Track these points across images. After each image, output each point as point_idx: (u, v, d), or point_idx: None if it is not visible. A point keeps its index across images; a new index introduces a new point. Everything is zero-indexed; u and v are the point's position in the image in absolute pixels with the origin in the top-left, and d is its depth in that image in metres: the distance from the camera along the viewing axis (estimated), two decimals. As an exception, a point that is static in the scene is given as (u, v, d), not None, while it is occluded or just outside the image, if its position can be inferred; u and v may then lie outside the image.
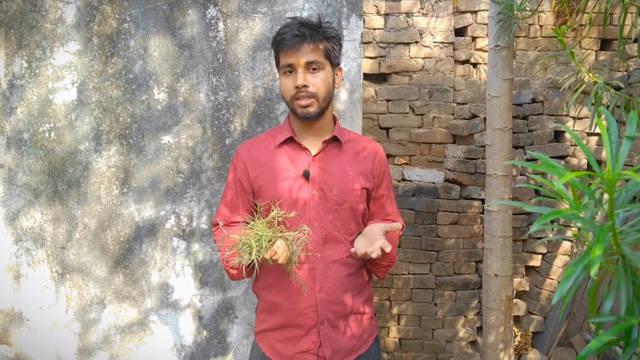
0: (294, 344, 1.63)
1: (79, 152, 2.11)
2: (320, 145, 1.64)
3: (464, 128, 3.50)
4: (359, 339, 1.68)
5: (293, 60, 1.54)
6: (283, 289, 1.62)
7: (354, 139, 1.72)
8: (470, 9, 3.70)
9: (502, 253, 2.65)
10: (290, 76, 1.57)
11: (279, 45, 1.57)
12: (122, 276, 2.17)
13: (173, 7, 2.10)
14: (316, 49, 1.55)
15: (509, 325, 2.73)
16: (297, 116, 1.60)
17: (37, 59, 2.07)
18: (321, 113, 1.59)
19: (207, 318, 2.21)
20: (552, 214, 0.63)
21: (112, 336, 2.19)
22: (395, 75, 3.72)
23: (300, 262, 1.59)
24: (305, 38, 1.53)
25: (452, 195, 3.43)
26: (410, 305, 3.48)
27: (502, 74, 2.55)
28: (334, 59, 1.61)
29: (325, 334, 1.61)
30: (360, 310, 1.68)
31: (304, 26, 1.56)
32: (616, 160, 0.63)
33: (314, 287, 1.59)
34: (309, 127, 1.64)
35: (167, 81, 2.11)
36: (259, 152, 1.67)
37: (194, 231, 2.16)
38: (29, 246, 2.13)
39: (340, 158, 1.66)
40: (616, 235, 0.66)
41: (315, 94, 1.55)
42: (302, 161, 1.63)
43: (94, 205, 2.13)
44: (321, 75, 1.56)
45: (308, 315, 1.61)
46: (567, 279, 0.62)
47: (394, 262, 1.72)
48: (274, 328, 1.66)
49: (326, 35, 1.58)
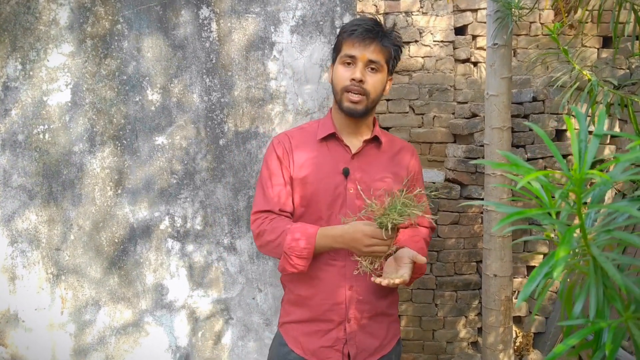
0: (319, 337, 1.63)
1: (73, 154, 2.11)
2: (360, 144, 1.66)
3: (464, 127, 3.48)
4: (383, 339, 1.69)
5: (358, 53, 1.55)
6: (313, 284, 1.63)
7: (391, 140, 1.74)
8: (470, 7, 3.67)
9: (501, 253, 2.62)
10: (349, 67, 1.58)
11: (348, 34, 1.57)
12: (116, 277, 2.17)
13: (166, 7, 2.09)
14: (383, 50, 1.58)
15: (508, 326, 2.70)
16: (341, 110, 1.61)
17: (31, 61, 2.07)
18: (366, 112, 1.60)
19: (202, 319, 2.21)
20: (516, 213, 0.61)
21: (107, 337, 2.19)
22: (395, 75, 3.69)
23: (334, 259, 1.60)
24: (377, 36, 1.56)
25: (453, 194, 3.41)
26: (411, 306, 3.46)
27: (500, 73, 2.52)
28: (392, 66, 1.64)
29: (351, 332, 1.63)
30: (387, 312, 1.70)
31: (378, 25, 1.59)
32: (583, 159, 0.61)
33: (345, 284, 1.61)
34: (351, 125, 1.65)
35: (161, 82, 2.11)
36: (299, 144, 1.67)
37: (188, 232, 2.16)
38: (24, 248, 2.14)
39: (378, 158, 1.68)
40: (586, 235, 0.65)
41: (367, 92, 1.57)
42: (343, 158, 1.64)
43: (88, 207, 2.13)
44: (378, 77, 1.59)
45: (336, 312, 1.62)
46: (531, 281, 0.60)
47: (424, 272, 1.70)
48: (300, 320, 1.67)
49: (395, 42, 1.61)
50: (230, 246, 2.17)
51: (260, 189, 1.69)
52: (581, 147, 0.63)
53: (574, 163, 0.62)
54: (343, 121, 1.66)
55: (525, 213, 0.62)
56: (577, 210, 0.63)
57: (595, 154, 0.62)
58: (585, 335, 0.61)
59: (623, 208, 0.59)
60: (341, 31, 1.62)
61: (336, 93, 1.62)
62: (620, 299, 0.64)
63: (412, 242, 1.67)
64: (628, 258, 0.65)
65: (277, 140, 1.70)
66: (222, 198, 2.15)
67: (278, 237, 1.57)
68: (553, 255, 0.60)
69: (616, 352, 0.60)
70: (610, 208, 0.62)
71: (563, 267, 0.57)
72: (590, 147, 0.62)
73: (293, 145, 1.67)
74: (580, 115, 0.66)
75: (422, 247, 1.68)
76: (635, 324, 0.62)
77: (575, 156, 0.62)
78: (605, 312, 0.64)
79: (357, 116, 1.60)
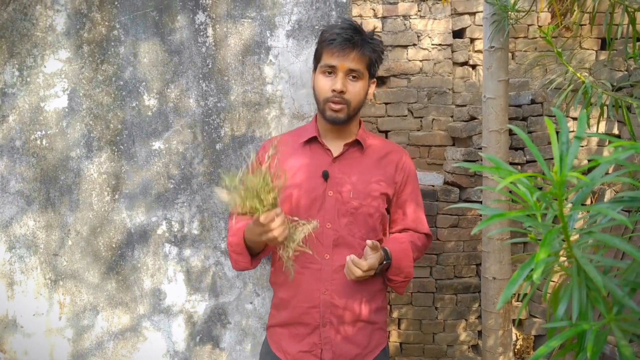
0: (297, 341, 1.63)
1: (70, 159, 2.12)
2: (342, 148, 1.65)
3: (463, 130, 3.48)
4: (364, 347, 1.65)
5: (337, 63, 1.55)
6: (291, 285, 1.63)
7: (379, 144, 1.73)
8: (468, 11, 3.68)
9: (500, 256, 2.62)
10: (329, 77, 1.58)
11: (327, 44, 1.56)
12: (114, 282, 2.17)
13: (162, 13, 2.10)
14: (362, 58, 1.56)
15: (508, 329, 2.70)
16: (324, 118, 1.61)
17: (28, 67, 2.08)
18: (349, 119, 1.61)
19: (200, 324, 2.21)
20: (497, 216, 0.62)
21: (105, 342, 2.19)
22: (393, 78, 3.70)
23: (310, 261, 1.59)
24: (356, 45, 1.54)
25: (452, 197, 3.41)
26: (411, 309, 3.46)
27: (497, 75, 2.53)
28: (373, 71, 1.63)
29: (326, 337, 1.60)
30: (368, 319, 1.65)
31: (357, 33, 1.56)
32: (564, 161, 0.62)
33: (319, 288, 1.59)
34: (334, 130, 1.66)
35: (157, 87, 2.12)
36: (284, 147, 1.68)
37: (186, 237, 2.16)
38: (22, 253, 2.14)
39: (361, 162, 1.66)
40: (569, 237, 0.65)
41: (348, 102, 1.57)
42: (323, 162, 1.64)
43: (85, 212, 2.14)
44: (359, 85, 1.58)
45: (312, 316, 1.61)
46: (512, 283, 0.61)
47: (410, 277, 1.68)
48: (282, 324, 1.67)
49: (374, 47, 1.60)
50: (227, 250, 2.17)
51: None
52: (562, 150, 0.63)
53: (555, 165, 0.62)
54: (326, 126, 1.66)
55: (506, 215, 0.62)
56: (559, 212, 0.63)
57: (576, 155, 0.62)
58: (568, 338, 0.61)
59: (604, 210, 0.59)
60: (320, 39, 1.61)
61: (318, 102, 1.63)
62: (604, 301, 0.64)
63: (395, 242, 1.65)
64: (610, 260, 0.65)
65: (262, 146, 1.74)
66: (219, 202, 2.15)
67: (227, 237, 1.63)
68: (534, 257, 0.60)
69: (598, 354, 0.60)
70: (591, 210, 0.62)
71: (543, 269, 0.57)
72: (571, 150, 0.62)
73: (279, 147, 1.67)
74: (561, 118, 0.66)
75: (406, 249, 1.64)
76: (618, 326, 0.62)
77: (555, 159, 0.62)
78: (588, 314, 0.64)
79: (340, 124, 1.61)
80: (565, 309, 0.65)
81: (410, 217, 1.73)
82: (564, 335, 0.61)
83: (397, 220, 1.74)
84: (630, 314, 0.63)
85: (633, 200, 0.65)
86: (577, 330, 0.61)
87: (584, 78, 1.64)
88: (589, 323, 0.62)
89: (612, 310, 0.63)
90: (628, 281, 0.64)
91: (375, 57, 1.61)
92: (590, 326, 0.61)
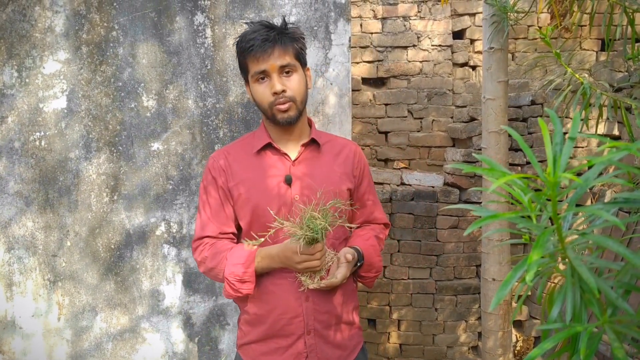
0: (279, 355, 1.58)
1: (69, 160, 2.12)
2: (299, 149, 1.61)
3: (463, 131, 3.47)
4: (346, 348, 1.64)
5: (265, 66, 1.50)
6: (267, 300, 1.57)
7: (331, 140, 1.69)
8: (468, 12, 3.68)
9: (500, 257, 2.61)
10: (264, 83, 1.53)
11: (248, 52, 1.51)
12: (113, 283, 2.17)
13: (161, 14, 2.10)
14: (287, 51, 1.51)
15: (507, 330, 2.69)
16: (276, 122, 1.56)
17: (27, 68, 2.09)
18: (300, 116, 1.58)
19: (199, 325, 2.20)
20: (490, 217, 0.61)
21: (104, 343, 2.19)
22: (393, 79, 3.70)
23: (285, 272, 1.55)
24: (275, 42, 1.49)
25: (452, 198, 3.40)
26: (411, 311, 3.45)
27: (496, 76, 2.52)
28: (303, 59, 1.58)
29: (312, 344, 1.58)
30: (347, 320, 1.64)
31: (271, 29, 1.52)
32: (557, 162, 0.61)
33: (301, 296, 1.55)
34: (286, 132, 1.61)
35: (156, 88, 2.12)
36: (235, 159, 1.62)
37: (184, 238, 2.16)
38: (21, 254, 2.14)
39: (320, 160, 1.63)
40: (563, 239, 0.65)
41: (293, 98, 1.53)
42: (283, 166, 1.59)
43: (84, 213, 2.14)
44: (296, 78, 1.54)
45: (295, 325, 1.56)
46: (505, 285, 0.60)
47: (380, 271, 1.67)
48: (258, 340, 1.61)
49: (294, 36, 1.55)
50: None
51: (199, 214, 1.64)
52: (556, 151, 0.63)
53: (548, 166, 0.61)
54: (278, 130, 1.60)
55: (498, 217, 0.61)
56: (552, 213, 0.63)
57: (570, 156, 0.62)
58: (561, 340, 0.61)
59: (597, 212, 0.59)
60: (239, 50, 1.56)
61: (265, 110, 1.56)
62: (598, 303, 0.64)
63: (362, 239, 1.64)
64: (604, 261, 0.64)
65: (212, 159, 1.64)
66: (218, 203, 2.15)
67: (218, 264, 1.53)
68: (527, 259, 0.60)
69: (592, 356, 0.60)
70: (584, 211, 0.61)
71: (535, 270, 0.57)
72: (564, 150, 0.62)
73: (230, 161, 1.62)
74: (554, 119, 0.66)
75: (373, 244, 1.64)
76: (612, 328, 0.62)
77: (549, 159, 0.62)
78: (582, 316, 0.64)
79: (294, 122, 1.56)
80: (560, 311, 0.65)
81: (369, 209, 1.73)
82: (557, 337, 0.60)
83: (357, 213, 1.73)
84: (624, 316, 0.63)
85: (627, 201, 0.65)
86: (570, 332, 0.61)
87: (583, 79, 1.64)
88: (582, 325, 0.62)
89: (605, 312, 0.63)
90: (622, 283, 0.64)
91: (300, 46, 1.56)
92: (583, 328, 0.61)
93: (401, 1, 3.67)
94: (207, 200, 1.62)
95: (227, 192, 1.60)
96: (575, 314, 0.63)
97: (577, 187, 0.61)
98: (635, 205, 0.66)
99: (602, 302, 0.64)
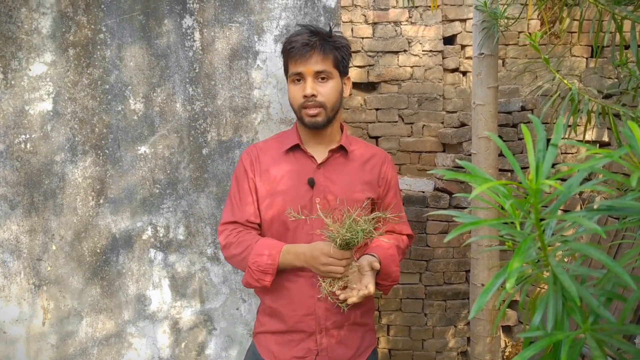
0: (291, 347, 1.62)
1: (54, 163, 2.10)
2: (326, 154, 1.64)
3: (453, 136, 3.48)
4: (357, 349, 1.66)
5: (302, 69, 1.55)
6: (283, 295, 1.62)
7: (362, 148, 1.72)
8: (459, 17, 3.68)
9: (489, 262, 2.61)
10: (299, 85, 1.57)
11: (288, 53, 1.57)
12: (99, 288, 2.15)
13: (149, 17, 2.09)
14: (326, 58, 1.56)
15: (496, 336, 2.69)
16: (304, 124, 1.60)
17: (12, 69, 2.06)
18: (329, 122, 1.60)
19: (185, 330, 2.18)
20: (472, 223, 0.60)
21: (89, 349, 2.17)
22: (384, 84, 3.70)
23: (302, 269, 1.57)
24: (315, 47, 1.54)
25: (442, 204, 3.40)
26: (400, 316, 3.44)
27: (486, 82, 2.52)
28: (343, 68, 1.62)
29: (323, 343, 1.61)
30: (361, 321, 1.67)
31: (314, 35, 1.56)
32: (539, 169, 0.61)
33: (315, 295, 1.58)
34: (315, 135, 1.64)
35: (143, 91, 2.10)
36: (265, 156, 1.66)
37: (171, 242, 2.14)
38: (6, 258, 2.12)
39: (346, 167, 1.66)
40: (545, 246, 0.64)
41: (323, 104, 1.56)
42: (308, 169, 1.63)
43: (70, 217, 2.11)
44: (330, 85, 1.57)
45: (307, 323, 1.60)
46: (485, 292, 0.59)
47: (397, 280, 1.69)
48: (273, 331, 1.65)
49: (336, 44, 1.59)
50: (213, 256, 2.15)
51: (229, 200, 1.69)
52: (538, 157, 0.62)
53: (531, 173, 0.61)
54: (308, 132, 1.65)
55: (480, 223, 0.61)
56: (535, 220, 0.62)
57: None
58: (543, 348, 0.60)
59: (578, 219, 0.58)
60: (282, 50, 1.62)
61: (295, 111, 1.62)
62: (580, 311, 0.63)
63: (382, 249, 1.65)
64: (586, 269, 0.64)
65: (246, 152, 1.70)
66: (205, 207, 2.13)
67: (243, 251, 1.57)
68: (507, 266, 0.59)
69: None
70: (567, 218, 0.61)
71: (516, 278, 0.56)
72: (547, 157, 0.62)
73: (261, 157, 1.67)
74: (538, 125, 0.65)
75: (393, 254, 1.66)
76: (593, 336, 0.61)
77: (531, 166, 0.61)
78: (564, 324, 0.63)
79: (320, 128, 1.60)
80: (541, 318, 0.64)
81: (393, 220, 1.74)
82: (538, 345, 0.59)
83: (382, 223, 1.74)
84: (605, 324, 0.62)
85: (610, 209, 0.64)
86: (551, 340, 0.60)
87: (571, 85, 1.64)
88: (563, 333, 0.61)
89: (587, 320, 0.62)
90: (604, 291, 0.63)
91: (341, 54, 1.60)
92: (565, 336, 0.60)
93: (392, 6, 3.67)
94: (237, 189, 1.67)
95: (255, 185, 1.65)
96: (557, 322, 0.62)
97: (559, 194, 0.60)
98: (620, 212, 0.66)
99: (584, 310, 0.64)
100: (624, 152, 0.59)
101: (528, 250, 0.59)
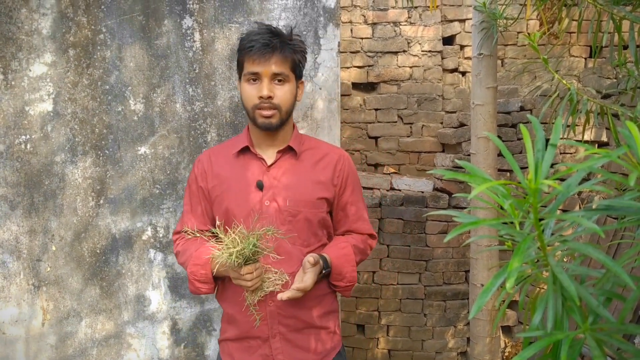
0: (250, 354, 1.63)
1: (54, 164, 2.10)
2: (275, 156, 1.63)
3: (452, 137, 3.48)
4: (318, 353, 1.64)
5: (260, 69, 1.52)
6: (237, 301, 1.60)
7: (314, 147, 1.69)
8: (458, 18, 3.69)
9: (488, 263, 2.62)
10: (255, 85, 1.55)
11: (247, 52, 1.54)
12: (98, 288, 2.15)
13: (149, 17, 2.09)
14: (285, 61, 1.54)
15: (496, 336, 2.69)
16: (257, 126, 1.58)
17: (13, 70, 2.07)
18: (282, 124, 1.58)
19: (185, 331, 2.19)
20: (471, 223, 0.61)
21: (89, 349, 2.17)
22: (383, 84, 3.71)
23: None
24: (275, 49, 1.52)
25: (441, 204, 3.41)
26: (399, 316, 3.45)
27: (485, 82, 2.53)
28: (299, 72, 1.61)
29: (277, 348, 1.60)
30: (318, 324, 1.65)
31: (275, 36, 1.54)
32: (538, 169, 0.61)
33: (265, 299, 1.56)
34: (267, 137, 1.62)
35: (143, 92, 2.10)
36: (217, 161, 1.66)
37: (171, 243, 2.14)
38: (5, 258, 2.12)
39: (296, 168, 1.63)
40: (544, 246, 0.64)
41: (278, 106, 1.54)
42: (257, 171, 1.61)
43: (70, 217, 2.11)
44: (286, 88, 1.55)
45: (260, 328, 1.59)
46: (485, 292, 0.60)
47: (354, 281, 1.66)
48: (233, 338, 1.66)
49: (295, 48, 1.57)
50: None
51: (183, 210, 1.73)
52: (537, 157, 0.62)
53: (530, 173, 0.61)
54: (259, 134, 1.62)
55: (479, 223, 0.61)
56: (534, 220, 0.63)
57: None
58: (542, 347, 0.60)
59: (577, 219, 0.59)
60: (240, 47, 1.58)
61: (248, 111, 1.58)
62: (579, 311, 0.63)
63: (335, 248, 1.63)
64: (584, 268, 0.64)
65: (198, 159, 1.71)
66: (205, 208, 2.14)
67: (186, 261, 1.60)
68: (507, 266, 0.59)
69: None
70: (566, 218, 0.61)
71: (515, 278, 0.56)
72: (546, 157, 0.62)
73: (213, 160, 1.66)
74: (536, 125, 0.65)
75: (347, 254, 1.63)
76: (592, 336, 0.61)
77: (530, 166, 0.62)
78: (564, 324, 0.63)
79: (274, 129, 1.58)
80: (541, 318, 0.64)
81: (351, 219, 1.71)
82: (538, 345, 0.60)
83: (340, 222, 1.72)
84: (605, 324, 0.62)
85: (608, 208, 0.65)
86: (551, 339, 0.60)
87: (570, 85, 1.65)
88: (563, 333, 0.61)
89: (587, 320, 0.62)
90: (603, 290, 0.63)
91: (299, 58, 1.58)
92: (564, 336, 0.60)
93: (392, 7, 3.68)
94: (188, 198, 1.70)
95: (206, 192, 1.66)
96: (557, 322, 0.62)
97: (558, 193, 0.61)
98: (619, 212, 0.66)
99: (584, 310, 0.64)
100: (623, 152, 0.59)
101: (527, 250, 0.59)
